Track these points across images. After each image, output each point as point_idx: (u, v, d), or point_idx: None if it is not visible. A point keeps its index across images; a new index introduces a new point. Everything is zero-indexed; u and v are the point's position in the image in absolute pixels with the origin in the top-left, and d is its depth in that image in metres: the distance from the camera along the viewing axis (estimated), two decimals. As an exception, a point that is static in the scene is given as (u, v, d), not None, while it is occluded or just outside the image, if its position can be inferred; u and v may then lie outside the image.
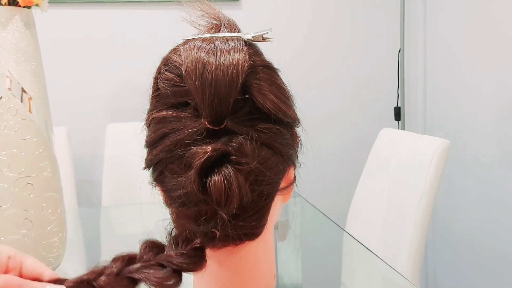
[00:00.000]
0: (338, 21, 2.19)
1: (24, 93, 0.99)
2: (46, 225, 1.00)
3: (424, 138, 1.40)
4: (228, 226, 0.42)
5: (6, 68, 0.98)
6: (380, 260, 1.10)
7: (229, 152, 0.42)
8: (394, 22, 2.18)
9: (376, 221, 1.44)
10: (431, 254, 2.18)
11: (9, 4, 0.98)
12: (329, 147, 2.20)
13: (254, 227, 0.46)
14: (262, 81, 0.45)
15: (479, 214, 1.84)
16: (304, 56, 2.17)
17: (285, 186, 0.49)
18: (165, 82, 0.46)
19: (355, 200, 1.59)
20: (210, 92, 0.42)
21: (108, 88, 2.05)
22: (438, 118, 2.11)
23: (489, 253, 1.79)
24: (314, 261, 1.24)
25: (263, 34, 0.47)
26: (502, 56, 1.69)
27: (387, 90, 2.22)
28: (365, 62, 2.23)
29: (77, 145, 1.95)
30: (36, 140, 0.99)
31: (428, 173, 1.27)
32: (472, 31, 1.84)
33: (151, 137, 0.46)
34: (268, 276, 0.52)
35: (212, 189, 0.40)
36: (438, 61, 2.08)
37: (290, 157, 0.48)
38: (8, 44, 0.97)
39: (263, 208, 0.46)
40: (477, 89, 1.83)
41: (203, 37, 0.46)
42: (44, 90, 1.04)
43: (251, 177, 0.43)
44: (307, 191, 0.62)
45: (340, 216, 1.52)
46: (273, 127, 0.45)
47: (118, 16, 2.02)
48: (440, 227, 2.11)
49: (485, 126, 1.79)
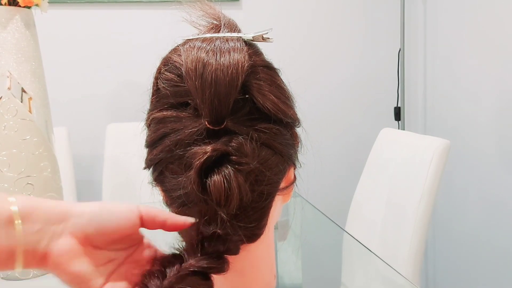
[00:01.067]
0: (338, 21, 2.19)
1: (24, 93, 0.99)
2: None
3: (424, 138, 1.40)
4: (228, 226, 0.42)
5: (6, 68, 0.98)
6: (380, 260, 1.10)
7: (229, 152, 0.42)
8: (394, 22, 2.18)
9: (376, 221, 1.44)
10: (431, 254, 2.18)
11: (9, 4, 0.98)
12: (329, 147, 2.20)
13: (255, 228, 0.46)
14: (262, 81, 0.45)
15: (479, 214, 1.84)
16: (304, 56, 2.17)
17: (285, 186, 0.49)
18: (165, 82, 0.46)
19: (355, 200, 1.59)
20: (210, 92, 0.42)
21: (108, 88, 2.05)
22: (438, 118, 2.11)
23: (489, 253, 1.79)
24: (314, 261, 1.24)
25: (263, 34, 0.47)
26: (502, 56, 1.69)
27: (387, 90, 2.22)
28: (365, 62, 2.22)
29: (77, 145, 1.94)
30: (36, 140, 0.99)
31: (428, 173, 1.27)
32: (472, 31, 1.84)
33: (151, 137, 0.46)
34: (268, 276, 0.52)
35: (212, 189, 0.40)
36: (438, 61, 2.08)
37: (290, 157, 0.48)
38: (8, 44, 0.98)
39: (263, 208, 0.46)
40: (477, 89, 1.83)
41: (203, 37, 0.46)
42: (44, 90, 1.04)
43: (251, 177, 0.43)
44: (307, 191, 0.62)
45: (340, 216, 1.52)
46: (273, 127, 0.45)
47: (118, 16, 2.02)
48: (440, 227, 2.11)
49: (485, 126, 1.79)
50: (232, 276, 0.49)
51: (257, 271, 0.50)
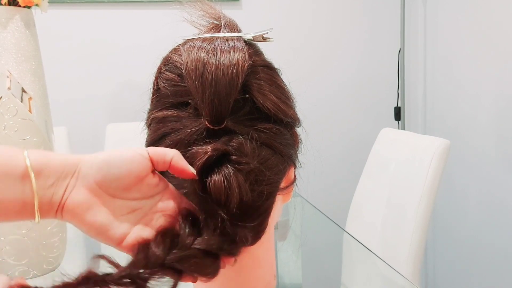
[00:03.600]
0: (338, 21, 2.19)
1: (24, 93, 0.99)
2: (46, 225, 1.00)
3: (424, 138, 1.40)
4: (228, 227, 0.42)
5: (6, 68, 0.97)
6: (380, 260, 1.10)
7: (229, 152, 0.42)
8: (394, 22, 2.18)
9: (376, 221, 1.44)
10: (431, 254, 2.18)
11: (9, 4, 0.98)
12: (329, 147, 2.20)
13: (256, 229, 0.46)
14: (262, 81, 0.45)
15: (479, 214, 1.84)
16: (304, 56, 2.17)
17: (286, 186, 0.49)
18: (165, 82, 0.46)
19: (355, 200, 1.59)
20: (210, 92, 0.42)
21: (108, 88, 2.05)
22: (438, 118, 2.11)
23: (489, 253, 1.79)
24: (314, 261, 1.24)
25: (264, 34, 0.47)
26: (502, 56, 1.69)
27: (387, 90, 2.22)
28: (365, 62, 2.22)
29: (77, 145, 1.94)
30: (36, 140, 0.99)
31: (428, 173, 1.27)
32: (472, 31, 1.84)
33: (151, 136, 0.46)
34: (268, 276, 0.52)
35: (212, 189, 0.40)
36: (438, 61, 2.08)
37: (290, 157, 0.48)
38: (8, 44, 0.97)
39: (264, 209, 0.46)
40: (477, 89, 1.83)
41: (204, 37, 0.46)
42: (44, 90, 1.04)
43: (251, 177, 0.43)
44: (307, 191, 0.62)
45: (340, 216, 1.52)
46: (273, 127, 0.45)
47: (118, 16, 2.02)
48: (440, 227, 2.11)
49: (485, 126, 1.79)
50: (232, 276, 0.49)
51: (257, 271, 0.50)
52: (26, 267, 0.99)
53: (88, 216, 0.38)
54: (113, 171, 0.38)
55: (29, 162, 0.36)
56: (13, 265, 0.98)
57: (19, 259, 0.98)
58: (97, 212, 0.38)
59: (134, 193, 0.39)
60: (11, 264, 0.98)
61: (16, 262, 0.98)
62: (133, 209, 0.39)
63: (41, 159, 0.37)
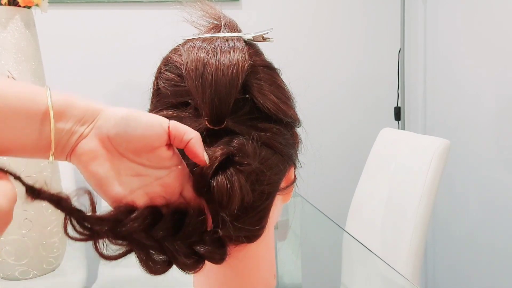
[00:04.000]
0: (338, 21, 2.19)
1: (24, 93, 0.99)
2: (46, 225, 1.00)
3: (424, 138, 1.39)
4: (229, 227, 0.42)
5: (6, 68, 0.97)
6: (380, 260, 1.10)
7: (232, 153, 0.42)
8: (394, 22, 2.18)
9: (376, 221, 1.44)
10: (431, 254, 2.18)
11: (9, 4, 0.98)
12: (329, 147, 2.20)
13: (255, 229, 0.46)
14: (262, 81, 0.45)
15: (478, 214, 1.84)
16: (304, 56, 2.17)
17: (286, 186, 0.49)
18: (165, 82, 0.46)
19: (355, 200, 1.59)
20: (210, 92, 0.42)
21: (108, 88, 2.05)
22: (438, 118, 2.11)
23: (489, 253, 1.79)
24: (314, 261, 1.24)
25: (264, 34, 0.47)
26: (502, 56, 1.69)
27: (387, 90, 2.22)
28: (365, 62, 2.22)
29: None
30: (36, 140, 0.99)
31: (428, 173, 1.27)
32: (472, 31, 1.84)
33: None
34: (268, 276, 0.52)
35: (216, 190, 0.40)
36: (438, 61, 2.08)
37: (291, 157, 0.48)
38: (8, 44, 0.97)
39: (263, 208, 0.46)
40: (477, 89, 1.83)
41: (204, 37, 0.46)
42: (44, 90, 1.04)
43: (252, 177, 0.43)
44: (307, 191, 0.62)
45: (340, 216, 1.52)
46: (274, 127, 0.45)
47: (118, 16, 2.02)
48: (440, 227, 2.11)
49: (485, 126, 1.78)
50: (232, 276, 0.49)
51: (257, 271, 0.50)
52: (26, 267, 0.99)
53: (92, 166, 0.38)
54: (127, 130, 0.37)
55: (50, 102, 0.36)
56: (13, 265, 0.98)
57: (19, 259, 0.98)
58: (101, 164, 0.38)
59: (143, 159, 0.39)
60: (11, 264, 0.98)
61: (16, 262, 0.98)
62: (138, 173, 0.39)
63: (63, 100, 0.37)
